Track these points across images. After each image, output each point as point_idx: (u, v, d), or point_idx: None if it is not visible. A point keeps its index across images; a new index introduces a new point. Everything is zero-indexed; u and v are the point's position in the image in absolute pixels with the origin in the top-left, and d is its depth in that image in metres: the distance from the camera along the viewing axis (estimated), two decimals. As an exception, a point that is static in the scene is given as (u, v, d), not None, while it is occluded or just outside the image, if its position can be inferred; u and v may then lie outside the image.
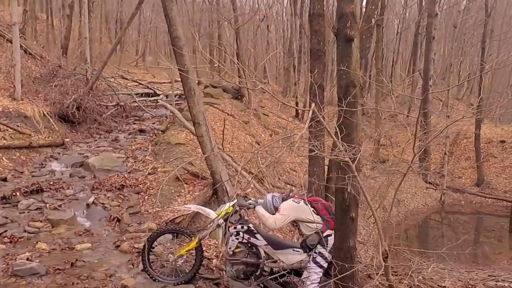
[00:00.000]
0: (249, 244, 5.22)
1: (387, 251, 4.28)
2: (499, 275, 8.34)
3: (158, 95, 19.15)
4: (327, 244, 4.99)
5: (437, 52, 23.47)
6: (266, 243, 5.20)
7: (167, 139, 10.95)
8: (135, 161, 10.37)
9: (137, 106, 16.94)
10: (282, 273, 5.27)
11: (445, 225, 17.13)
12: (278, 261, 5.23)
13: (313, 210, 5.10)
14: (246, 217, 5.23)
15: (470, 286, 7.70)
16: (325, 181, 9.32)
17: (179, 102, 16.57)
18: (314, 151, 4.65)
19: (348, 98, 4.38)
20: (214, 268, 6.09)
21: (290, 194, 5.31)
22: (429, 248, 12.03)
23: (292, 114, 20.21)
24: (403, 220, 15.49)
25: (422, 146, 4.76)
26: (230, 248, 5.18)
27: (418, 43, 26.08)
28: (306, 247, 5.12)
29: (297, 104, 19.05)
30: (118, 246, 6.17)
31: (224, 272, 6.06)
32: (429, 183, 19.62)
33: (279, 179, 10.64)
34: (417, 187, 18.79)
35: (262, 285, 5.36)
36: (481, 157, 20.12)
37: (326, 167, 9.85)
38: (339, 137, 4.21)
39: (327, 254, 4.98)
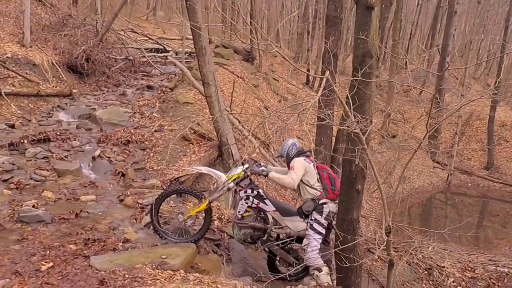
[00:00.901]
0: (257, 209, 5.40)
1: (390, 226, 4.40)
2: (499, 260, 8.52)
3: (168, 51, 19.02)
4: (322, 211, 5.20)
5: (457, 28, 23.02)
6: (274, 209, 5.41)
7: (175, 97, 10.98)
8: (141, 117, 10.47)
9: (146, 61, 16.87)
10: (286, 240, 5.52)
11: (449, 206, 17.26)
12: (285, 227, 5.46)
13: (317, 177, 5.30)
14: (256, 182, 5.35)
15: (469, 269, 7.89)
16: (331, 151, 9.42)
17: (189, 60, 16.49)
18: (323, 120, 4.71)
19: (364, 69, 4.40)
20: (216, 230, 6.28)
21: (307, 153, 5.45)
22: (431, 228, 12.19)
23: (303, 81, 20.06)
24: (407, 197, 15.62)
25: (434, 124, 4.78)
26: (239, 212, 5.36)
27: (438, 16, 25.52)
28: (302, 213, 5.33)
29: (308, 71, 18.88)
30: (122, 200, 6.35)
31: (225, 234, 6.26)
32: (437, 162, 19.63)
33: (284, 146, 10.70)
34: (424, 165, 18.83)
35: (267, 249, 5.62)
36: (493, 140, 19.98)
37: (333, 138, 9.93)
38: (351, 107, 4.26)
39: (323, 221, 5.19)
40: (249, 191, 5.36)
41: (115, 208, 6.10)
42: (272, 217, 5.45)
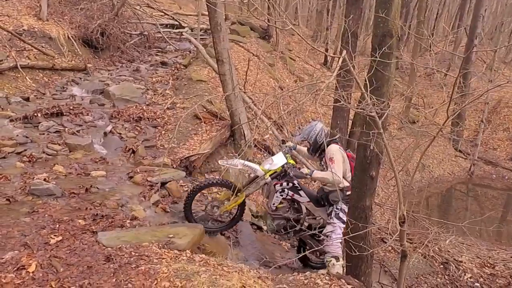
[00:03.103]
0: (292, 200, 5.50)
1: (404, 215, 4.40)
2: (523, 257, 8.44)
3: (183, 27, 19.01)
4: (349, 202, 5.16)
5: (488, 9, 22.46)
6: (308, 200, 5.52)
7: (188, 74, 11.04)
8: (154, 94, 10.57)
9: (160, 37, 16.91)
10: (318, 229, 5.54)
11: (471, 198, 16.90)
12: (318, 217, 5.57)
13: (349, 168, 5.35)
14: (290, 174, 5.37)
15: (489, 265, 7.84)
16: (347, 135, 9.39)
17: (204, 37, 16.48)
18: (339, 102, 4.69)
19: (383, 49, 4.35)
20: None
21: (337, 139, 5.47)
22: (450, 220, 12.07)
23: (320, 61, 19.88)
24: (425, 186, 15.47)
25: (457, 109, 4.74)
26: (273, 203, 5.46)
27: (467, -4, 24.97)
28: (326, 201, 5.39)
29: (327, 50, 18.67)
30: (131, 177, 6.47)
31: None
32: (459, 151, 19.29)
33: (299, 128, 10.71)
34: (445, 154, 18.55)
35: (298, 239, 5.85)
36: None
37: (350, 121, 9.88)
38: (368, 89, 4.24)
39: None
40: (284, 183, 5.41)
41: (124, 185, 6.23)
42: (306, 208, 5.54)
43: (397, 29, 4.46)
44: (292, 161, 5.49)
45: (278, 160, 5.40)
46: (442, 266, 7.63)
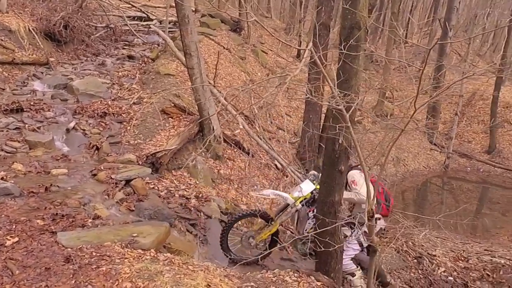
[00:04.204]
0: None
1: (373, 210, 4.48)
2: (496, 250, 8.62)
3: (151, 20, 18.80)
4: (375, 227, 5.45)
5: (462, 1, 22.84)
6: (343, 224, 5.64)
7: (156, 68, 10.97)
8: (120, 89, 10.47)
9: (128, 30, 16.68)
10: None
11: (446, 191, 17.12)
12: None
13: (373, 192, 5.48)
14: (316, 197, 5.58)
15: (462, 258, 8.02)
16: (320, 129, 9.49)
17: (173, 29, 16.33)
18: (311, 95, 4.73)
19: (351, 41, 4.40)
20: (192, 209, 6.36)
21: (358, 166, 5.60)
22: (425, 214, 12.24)
23: (294, 54, 19.98)
24: (401, 180, 15.69)
25: (426, 102, 4.82)
26: (305, 229, 5.61)
27: (442, -12, 25.38)
28: (352, 223, 5.52)
29: (300, 44, 18.78)
30: (94, 175, 6.40)
31: (201, 213, 6.36)
32: (435, 144, 19.58)
33: (271, 123, 10.79)
34: (420, 147, 18.80)
35: None
36: (496, 122, 19.89)
37: (323, 116, 9.99)
38: (336, 83, 4.28)
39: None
40: (315, 210, 5.55)
41: (87, 183, 6.15)
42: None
43: (365, 21, 4.51)
44: (318, 186, 5.66)
45: (307, 187, 5.65)
46: (415, 260, 7.75)
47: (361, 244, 5.60)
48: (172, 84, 10.06)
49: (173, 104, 8.84)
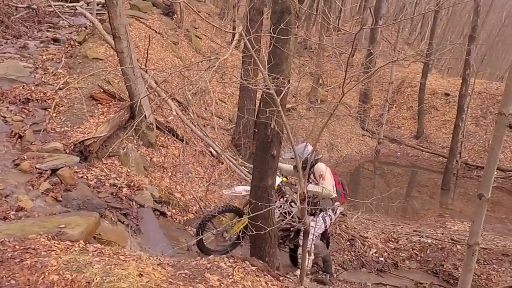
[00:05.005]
0: (285, 213, 5.98)
1: (305, 193, 4.60)
2: (423, 231, 9.14)
3: (78, 1, 18.08)
4: (335, 211, 6.17)
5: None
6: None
7: (83, 52, 10.57)
8: (45, 73, 10.00)
9: (52, 11, 15.96)
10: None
11: (378, 176, 17.87)
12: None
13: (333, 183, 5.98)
14: (282, 188, 6.13)
15: (393, 239, 8.42)
16: (255, 115, 9.56)
17: (102, 12, 15.76)
18: (245, 81, 4.77)
19: (281, 26, 4.45)
20: (124, 198, 6.24)
21: (321, 158, 6.30)
22: (358, 198, 12.62)
23: (228, 40, 19.92)
24: (335, 166, 16.08)
25: (353, 86, 4.97)
26: (277, 218, 5.83)
27: (372, -23, 26.08)
28: (316, 209, 6.01)
29: (234, 29, 18.75)
30: (17, 164, 6.10)
31: (134, 203, 6.26)
32: (366, 130, 20.32)
33: (206, 109, 10.75)
34: (353, 133, 19.41)
35: (293, 246, 6.50)
36: (423, 109, 20.77)
37: (258, 102, 10.06)
38: (267, 67, 4.33)
39: (333, 218, 6.22)
40: (281, 199, 6.10)
41: (9, 174, 5.86)
42: (297, 216, 5.96)
43: (295, 5, 4.59)
44: (285, 179, 6.29)
45: (277, 178, 5.82)
46: (348, 243, 8.06)
47: (325, 225, 6.14)
48: (101, 68, 9.73)
49: (102, 90, 8.57)
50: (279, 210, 5.99)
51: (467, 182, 16.80)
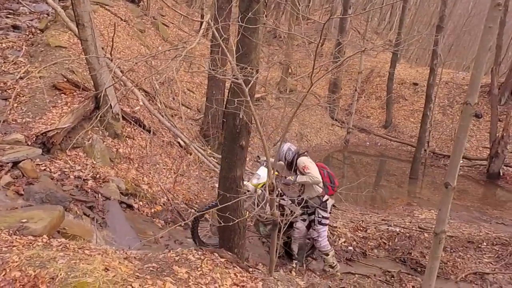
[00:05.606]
0: (277, 205, 6.06)
1: (274, 184, 4.62)
2: (392, 220, 9.30)
3: (40, -14, 17.57)
4: (326, 207, 6.29)
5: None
6: (291, 202, 6.38)
7: (46, 40, 10.29)
8: (4, 62, 9.70)
9: (12, -4, 15.45)
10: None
11: (347, 165, 18.00)
12: (299, 215, 6.46)
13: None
14: (279, 183, 6.26)
15: (361, 228, 8.54)
16: (224, 106, 9.51)
17: (65, -2, 15.44)
18: (213, 71, 4.73)
19: (249, 14, 4.42)
20: (89, 190, 6.14)
21: (306, 152, 6.47)
22: (328, 188, 12.78)
23: (197, 28, 19.72)
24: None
25: (322, 76, 5.00)
26: (266, 212, 6.13)
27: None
28: (306, 207, 6.33)
29: (202, 17, 18.58)
30: (-25, 158, 5.93)
31: (99, 195, 6.17)
32: (336, 119, 20.49)
33: (173, 99, 10.64)
34: (322, 123, 19.53)
35: (286, 238, 6.61)
36: (391, 98, 21.03)
37: (227, 91, 10.02)
38: (234, 56, 4.30)
39: (327, 215, 6.38)
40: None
41: (-35, 167, 5.69)
42: (289, 209, 6.38)
43: (264, -7, 4.55)
44: (276, 173, 6.27)
45: (264, 173, 5.99)
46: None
47: (325, 224, 6.42)
48: (64, 57, 9.50)
49: (65, 79, 8.38)
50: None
51: (435, 171, 17.13)
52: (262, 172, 6.24)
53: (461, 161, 3.72)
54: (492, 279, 7.23)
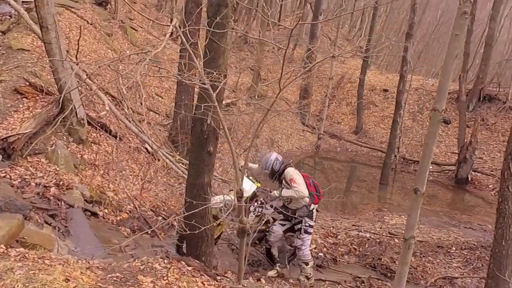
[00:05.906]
0: (260, 215, 6.56)
1: (241, 190, 4.58)
2: (362, 225, 9.37)
3: (2, -13, 17.19)
4: (312, 216, 6.46)
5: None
6: (273, 210, 6.56)
7: (7, 42, 10.07)
8: (-38, 65, 9.43)
9: (-29, -3, 15.05)
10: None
11: (318, 171, 18.00)
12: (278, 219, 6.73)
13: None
14: (264, 199, 6.67)
15: (332, 234, 8.58)
16: (193, 111, 9.45)
17: (28, 0, 15.10)
18: (181, 76, 4.69)
19: (217, 19, 4.41)
20: (51, 198, 5.99)
21: (291, 163, 6.63)
22: (299, 194, 12.78)
23: (166, 32, 19.57)
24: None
25: (291, 81, 5.00)
26: (248, 222, 5.98)
27: (312, -28, 26.50)
28: (293, 217, 6.51)
29: (171, 21, 18.49)
30: None
31: (62, 203, 6.02)
32: (306, 125, 20.58)
33: (141, 104, 10.50)
34: (293, 129, 19.59)
35: (269, 246, 6.81)
36: (362, 104, 21.27)
37: (196, 96, 9.96)
38: (202, 61, 4.27)
39: (313, 223, 6.54)
40: (255, 203, 6.60)
41: None
42: (272, 218, 6.66)
43: (232, -2, 4.55)
44: (259, 184, 6.69)
45: (249, 187, 6.30)
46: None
47: (310, 233, 6.57)
48: (27, 60, 9.30)
49: (28, 83, 8.19)
50: (254, 214, 6.52)
51: (405, 176, 17.35)
52: (247, 185, 6.33)
53: (430, 167, 3.77)
54: (461, 283, 7.36)
